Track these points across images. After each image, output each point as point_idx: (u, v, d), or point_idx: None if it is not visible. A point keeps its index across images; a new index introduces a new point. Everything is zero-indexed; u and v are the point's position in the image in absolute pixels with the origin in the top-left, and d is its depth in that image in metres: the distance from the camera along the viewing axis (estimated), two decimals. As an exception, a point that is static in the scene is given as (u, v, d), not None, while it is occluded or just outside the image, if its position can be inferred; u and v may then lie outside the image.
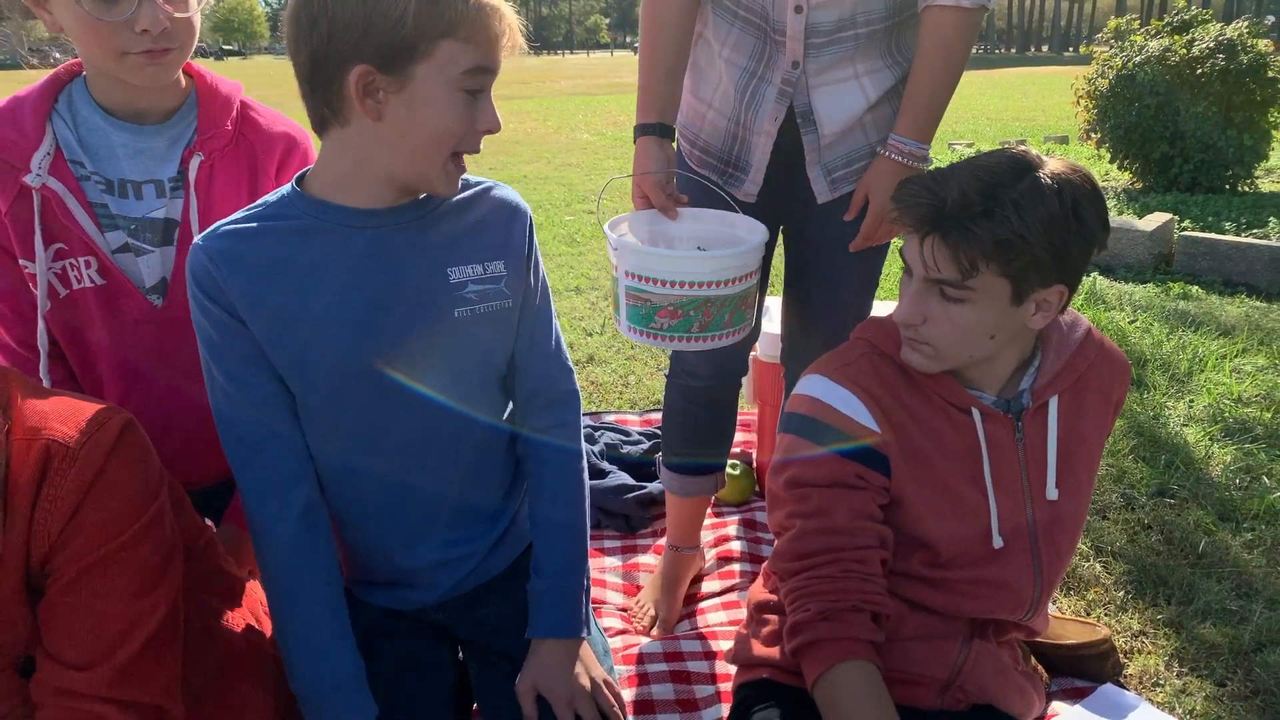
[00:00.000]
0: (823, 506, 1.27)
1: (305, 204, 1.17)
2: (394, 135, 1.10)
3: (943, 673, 1.34)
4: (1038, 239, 1.13)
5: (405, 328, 1.20)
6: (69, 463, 0.98)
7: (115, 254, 1.38)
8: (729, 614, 2.01)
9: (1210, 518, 2.39)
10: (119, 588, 1.02)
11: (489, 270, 1.24)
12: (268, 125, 1.47)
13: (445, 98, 1.08)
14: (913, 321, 1.22)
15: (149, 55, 1.28)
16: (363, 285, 1.18)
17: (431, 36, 1.05)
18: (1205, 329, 3.91)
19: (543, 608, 1.33)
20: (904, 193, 1.19)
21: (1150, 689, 1.80)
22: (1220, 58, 6.16)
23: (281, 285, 1.16)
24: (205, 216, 1.38)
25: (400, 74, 1.06)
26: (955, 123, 14.15)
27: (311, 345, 1.18)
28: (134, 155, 1.37)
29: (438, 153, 1.12)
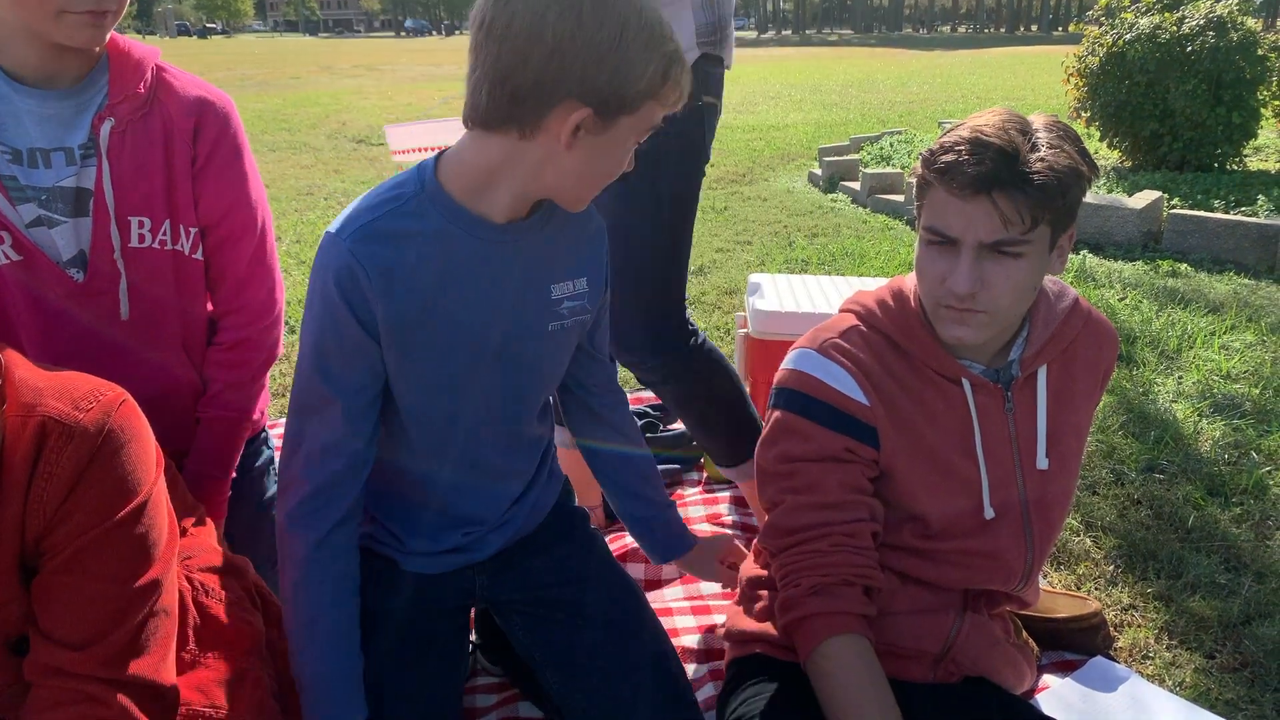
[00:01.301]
0: (812, 481, 1.27)
1: (442, 204, 1.18)
2: (574, 166, 1.13)
3: (935, 646, 1.35)
4: (1077, 179, 1.16)
5: (512, 337, 1.26)
6: (65, 440, 0.97)
7: (29, 228, 1.31)
8: (722, 586, 2.02)
9: (1199, 492, 2.41)
10: (114, 566, 1.01)
11: (577, 287, 1.31)
12: (183, 89, 1.40)
13: (627, 147, 1.15)
14: (974, 290, 1.17)
15: (91, 16, 1.24)
16: (487, 296, 1.22)
17: (647, 97, 1.09)
18: (1194, 306, 3.93)
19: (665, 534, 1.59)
20: (949, 159, 1.15)
21: (1140, 661, 1.82)
22: (1210, 35, 6.15)
23: (418, 292, 1.18)
24: (118, 184, 1.34)
25: (610, 121, 1.10)
26: (945, 102, 14.13)
27: (430, 350, 1.22)
28: (41, 121, 1.31)
29: (593, 186, 1.19)
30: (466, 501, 1.38)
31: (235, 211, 1.46)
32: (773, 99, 15.24)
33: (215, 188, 1.43)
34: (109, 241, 1.35)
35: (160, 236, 1.39)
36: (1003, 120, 1.17)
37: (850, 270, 4.71)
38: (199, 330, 1.50)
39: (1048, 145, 1.15)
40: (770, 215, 6.20)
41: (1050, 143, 1.15)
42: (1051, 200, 1.14)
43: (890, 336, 1.31)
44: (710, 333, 3.76)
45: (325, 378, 1.21)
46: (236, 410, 1.53)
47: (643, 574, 2.06)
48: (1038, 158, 1.13)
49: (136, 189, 1.36)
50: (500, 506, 1.42)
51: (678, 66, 1.09)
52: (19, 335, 1.37)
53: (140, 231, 1.38)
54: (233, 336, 1.51)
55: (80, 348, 1.39)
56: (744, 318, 2.53)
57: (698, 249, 5.21)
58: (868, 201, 6.47)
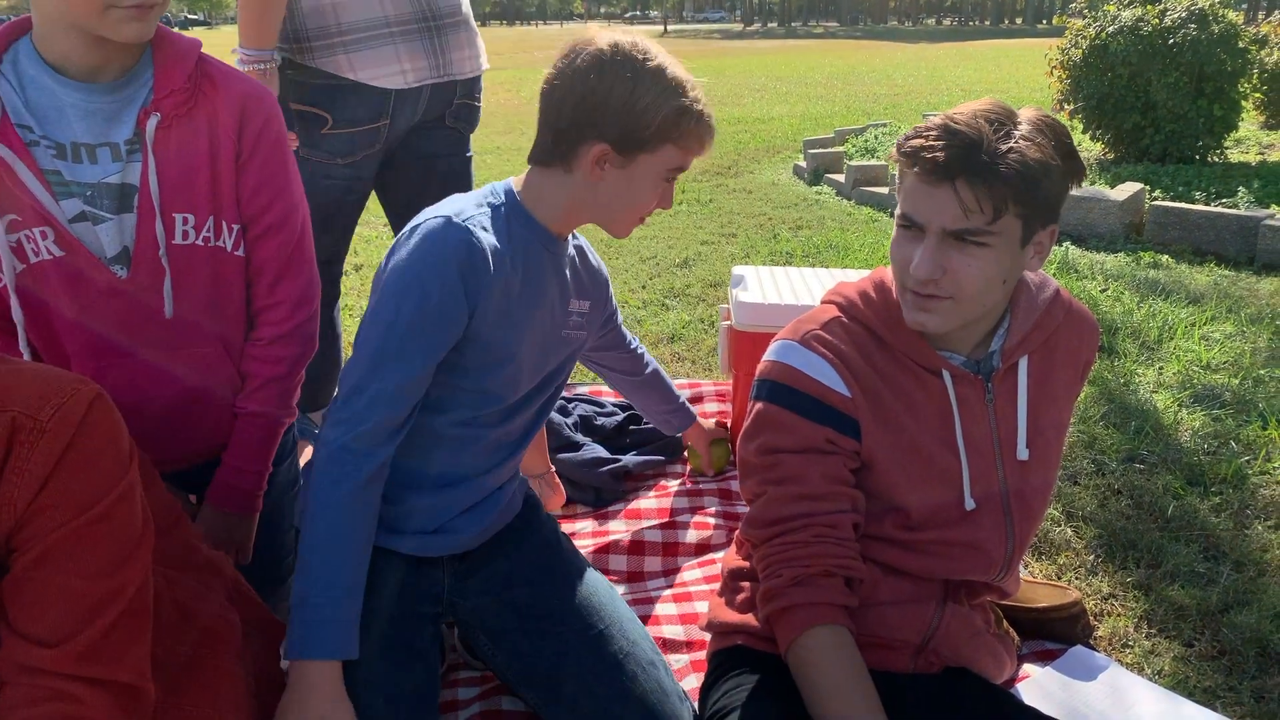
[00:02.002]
0: (794, 472, 1.27)
1: (521, 218, 1.41)
2: (606, 197, 1.38)
3: (916, 636, 1.35)
4: (1051, 173, 1.15)
5: (548, 337, 1.47)
6: (36, 436, 0.96)
7: (71, 223, 1.31)
8: (704, 571, 2.02)
9: (1179, 482, 2.43)
10: (87, 564, 1.00)
11: (582, 307, 1.55)
12: (227, 83, 1.40)
13: (651, 183, 1.37)
14: (934, 276, 1.18)
15: (138, 10, 1.23)
16: (546, 299, 1.45)
17: (663, 139, 1.32)
18: (1175, 297, 3.95)
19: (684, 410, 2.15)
20: (917, 144, 1.16)
21: (1119, 650, 1.83)
22: (1192, 28, 6.18)
23: (509, 288, 1.37)
24: (164, 180, 1.33)
25: (629, 157, 1.34)
26: (930, 94, 14.15)
27: (503, 342, 1.39)
28: (86, 116, 1.30)
29: (630, 217, 1.42)
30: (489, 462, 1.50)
31: (275, 206, 1.45)
32: (758, 91, 15.23)
33: (258, 182, 1.42)
34: (154, 238, 1.34)
35: (204, 233, 1.39)
36: (980, 109, 1.17)
37: (835, 262, 4.72)
38: (237, 326, 1.50)
39: (1021, 137, 1.14)
40: (755, 208, 6.20)
41: (1025, 135, 1.15)
42: (1017, 192, 1.13)
43: (871, 328, 1.31)
44: (695, 325, 3.76)
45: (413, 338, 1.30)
46: (275, 405, 1.53)
47: (625, 565, 2.06)
48: (1007, 148, 1.13)
49: (181, 185, 1.35)
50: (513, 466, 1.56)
51: (689, 118, 1.33)
52: (58, 331, 1.37)
53: (184, 228, 1.37)
54: (271, 332, 1.51)
55: (121, 344, 1.38)
56: (728, 310, 2.53)
57: (683, 241, 5.21)
58: (852, 194, 6.48)
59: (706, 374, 3.24)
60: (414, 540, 1.44)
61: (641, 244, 5.16)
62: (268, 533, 1.59)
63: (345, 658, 1.27)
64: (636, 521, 2.22)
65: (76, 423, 0.98)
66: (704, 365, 3.34)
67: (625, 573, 2.05)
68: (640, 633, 1.43)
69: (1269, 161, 6.53)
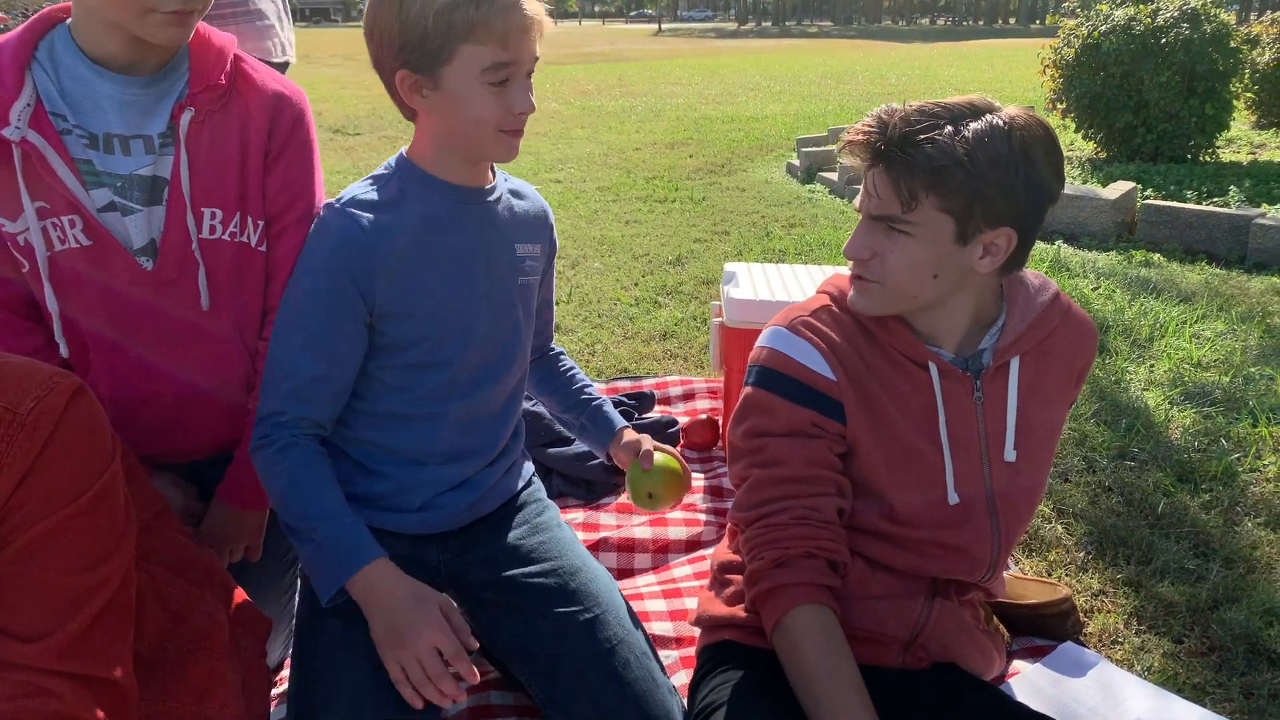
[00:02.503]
0: (778, 456, 1.27)
1: (417, 176, 1.37)
2: (446, 124, 1.31)
3: (904, 631, 1.35)
4: (979, 173, 1.13)
5: (486, 286, 1.42)
6: (16, 429, 0.95)
7: (100, 213, 1.30)
8: (694, 567, 2.01)
9: (1169, 479, 2.43)
10: (69, 558, 0.99)
11: (533, 250, 1.50)
12: (261, 82, 1.40)
13: (473, 92, 1.26)
14: (860, 256, 1.23)
15: (177, 15, 1.23)
16: (467, 259, 1.39)
17: (451, 41, 1.23)
18: (1166, 296, 3.96)
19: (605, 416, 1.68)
20: (857, 126, 1.21)
21: (1109, 647, 1.83)
22: (1184, 27, 6.19)
23: (409, 249, 1.34)
24: (196, 174, 1.33)
25: (432, 75, 1.26)
26: (923, 94, 14.17)
27: (426, 310, 1.36)
28: (121, 108, 1.30)
29: (480, 135, 1.31)
30: (469, 437, 1.48)
31: (298, 204, 1.45)
32: (751, 90, 15.23)
33: (283, 180, 1.43)
34: (184, 232, 1.34)
35: (230, 229, 1.39)
36: (933, 101, 1.18)
37: (827, 260, 4.72)
38: (253, 321, 1.49)
39: (957, 133, 1.13)
40: (748, 206, 6.19)
41: (959, 132, 1.13)
42: (930, 184, 1.13)
43: (860, 318, 1.30)
44: (687, 322, 3.75)
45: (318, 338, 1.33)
46: None
47: (615, 562, 2.06)
48: (925, 139, 1.13)
49: (212, 180, 1.35)
50: (497, 440, 1.53)
51: (464, 10, 1.21)
52: (80, 321, 1.36)
53: (212, 223, 1.37)
54: None
55: (140, 336, 1.38)
56: (719, 306, 2.53)
57: (675, 239, 5.20)
58: (845, 192, 6.48)
59: (699, 371, 3.24)
60: (402, 518, 1.44)
61: (634, 241, 5.16)
62: (274, 533, 1.58)
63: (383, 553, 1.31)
64: (628, 516, 2.22)
65: (57, 416, 0.97)
66: (696, 362, 3.33)
67: (615, 570, 2.04)
68: (634, 623, 1.43)
69: (1260, 161, 6.55)
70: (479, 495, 1.50)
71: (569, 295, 4.15)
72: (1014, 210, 1.17)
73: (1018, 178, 1.14)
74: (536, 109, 1.34)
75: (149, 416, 1.43)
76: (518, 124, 1.31)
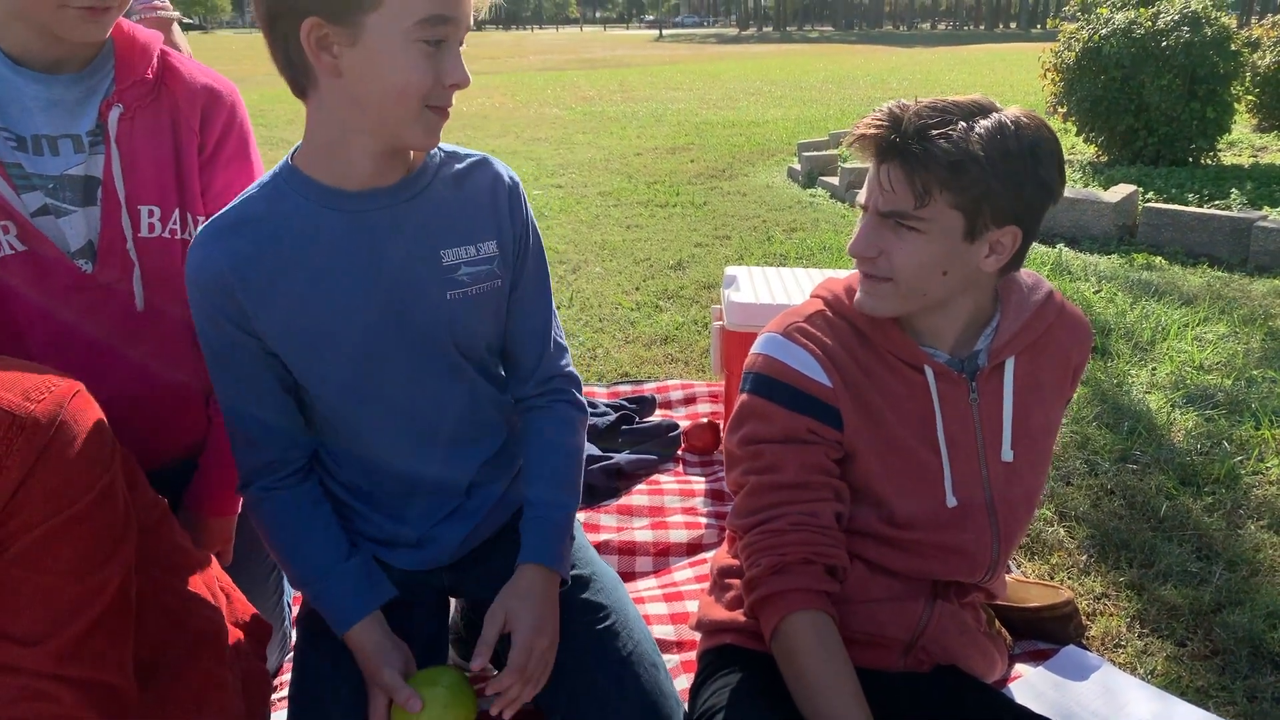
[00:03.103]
0: (775, 462, 1.27)
1: (296, 184, 1.17)
2: (357, 91, 1.07)
3: (905, 634, 1.35)
4: (992, 169, 1.13)
5: (397, 309, 1.21)
6: (15, 431, 0.95)
7: (34, 216, 1.27)
8: (695, 571, 2.01)
9: (1172, 482, 2.42)
10: (68, 562, 0.99)
11: (482, 251, 1.24)
12: (189, 75, 1.38)
13: (401, 49, 1.04)
14: (867, 254, 1.21)
15: (91, 11, 1.21)
16: (351, 268, 1.18)
17: None
18: (1168, 298, 3.96)
19: (527, 533, 1.33)
20: (866, 120, 1.19)
21: (1112, 650, 1.82)
22: (1185, 31, 6.19)
23: (279, 274, 1.16)
24: (129, 171, 1.31)
25: (350, 24, 1.03)
26: (924, 97, 14.18)
27: (307, 330, 1.19)
28: (47, 107, 1.27)
29: (404, 108, 1.08)
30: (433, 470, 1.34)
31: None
32: (753, 95, 15.25)
33: (224, 176, 1.41)
34: (120, 231, 1.32)
35: (171, 225, 1.37)
36: (946, 99, 1.18)
37: (828, 264, 4.72)
38: None
39: (969, 130, 1.14)
40: (749, 210, 6.20)
41: (977, 129, 1.14)
42: (944, 179, 1.13)
43: (854, 322, 1.30)
44: (688, 326, 3.75)
45: (225, 385, 1.26)
46: None
47: (616, 565, 2.05)
48: (940, 134, 1.13)
49: (146, 177, 1.33)
50: (470, 468, 1.37)
51: None
52: (22, 329, 1.33)
53: (150, 220, 1.35)
54: None
55: (87, 340, 1.35)
56: (719, 310, 2.52)
57: (676, 244, 5.20)
58: (846, 196, 6.48)
59: (700, 375, 3.24)
60: (394, 554, 1.39)
61: (635, 246, 5.16)
62: (247, 535, 1.58)
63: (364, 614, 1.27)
64: (629, 519, 2.21)
65: (56, 419, 0.97)
66: (697, 367, 3.33)
67: (617, 573, 2.03)
68: (644, 633, 1.39)
69: (1261, 164, 6.55)
70: (473, 527, 1.40)
71: (570, 300, 4.16)
72: (1020, 208, 1.17)
73: (1025, 175, 1.15)
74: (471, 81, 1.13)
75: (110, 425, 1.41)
76: (445, 100, 1.10)
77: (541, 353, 1.38)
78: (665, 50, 36.64)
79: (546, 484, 1.36)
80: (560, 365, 1.42)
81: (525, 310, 1.35)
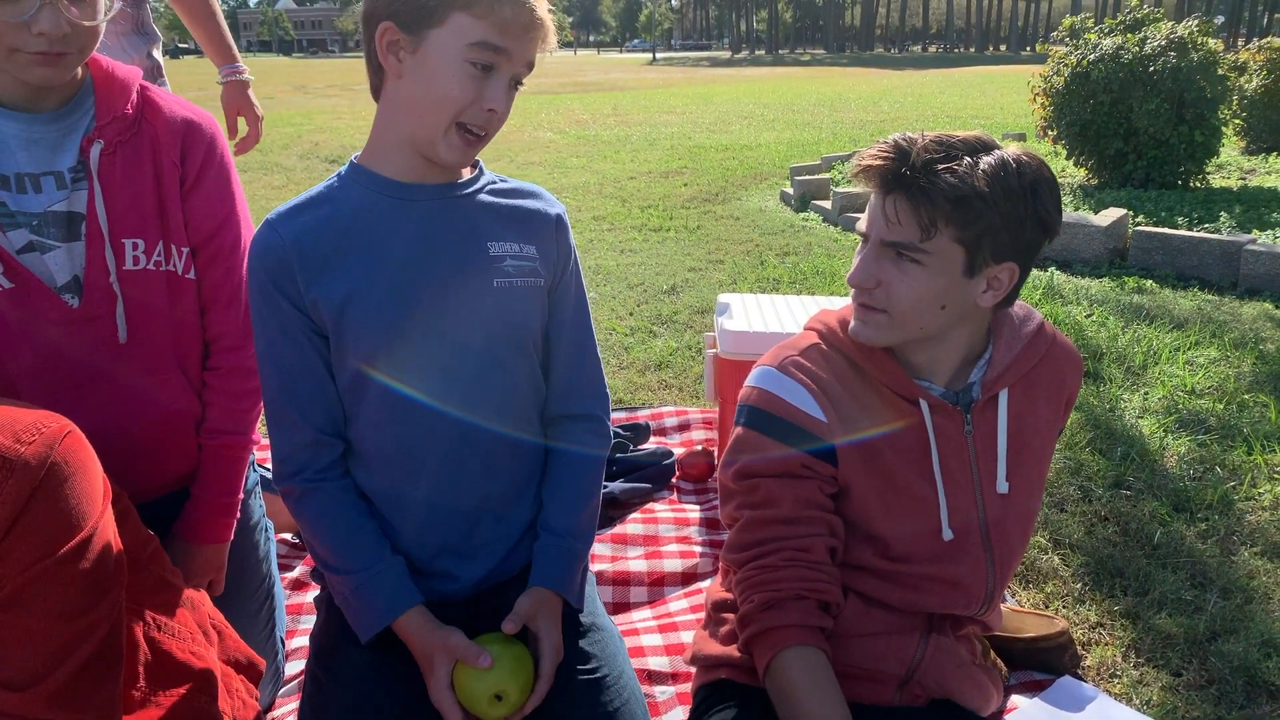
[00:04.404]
0: (769, 497, 1.27)
1: (357, 175, 1.28)
2: (410, 93, 1.21)
3: (900, 668, 1.34)
4: (996, 206, 1.15)
5: (444, 290, 1.27)
6: (6, 473, 0.94)
7: (20, 254, 1.29)
8: (690, 601, 2.00)
9: (1165, 509, 2.43)
10: (58, 604, 0.99)
11: (525, 251, 1.33)
12: (169, 109, 1.39)
13: (453, 66, 1.17)
14: (866, 285, 1.22)
15: (42, 57, 1.21)
16: (401, 247, 1.26)
17: (448, 6, 1.15)
18: (1159, 322, 3.97)
19: (547, 560, 1.35)
20: (871, 150, 1.20)
21: (1108, 680, 1.82)
22: (1172, 56, 6.26)
23: (334, 250, 1.25)
24: (111, 206, 1.32)
25: (417, 34, 1.17)
26: (916, 121, 14.29)
27: (356, 306, 1.24)
28: (27, 145, 1.29)
29: (439, 117, 1.20)
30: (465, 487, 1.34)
31: (224, 231, 1.45)
32: (745, 119, 15.35)
33: (205, 207, 1.42)
34: (104, 265, 1.33)
35: (155, 258, 1.38)
36: (949, 134, 1.20)
37: (822, 289, 4.74)
38: (194, 352, 1.48)
39: (973, 166, 1.15)
40: (742, 234, 6.22)
41: (981, 165, 1.16)
42: (949, 214, 1.15)
43: (849, 355, 1.31)
44: (682, 352, 3.76)
45: (271, 363, 1.28)
46: (239, 435, 1.51)
47: (611, 596, 2.05)
48: (945, 169, 1.15)
49: (129, 210, 1.34)
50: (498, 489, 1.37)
51: None
52: (10, 364, 1.33)
53: (135, 253, 1.36)
54: (227, 361, 1.49)
55: (77, 375, 1.36)
56: (713, 338, 2.53)
57: (670, 268, 5.22)
58: (839, 220, 6.51)
59: (694, 401, 3.24)
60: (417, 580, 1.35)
61: (629, 270, 5.18)
62: (236, 568, 1.57)
63: (418, 600, 1.28)
64: (623, 548, 2.21)
65: (47, 460, 0.97)
66: (691, 393, 3.33)
67: (610, 604, 2.03)
68: (635, 694, 1.36)
69: (1250, 186, 6.60)
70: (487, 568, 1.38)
71: (564, 325, 4.16)
72: (1018, 244, 1.19)
73: (1026, 212, 1.17)
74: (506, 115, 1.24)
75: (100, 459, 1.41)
76: (480, 121, 1.21)
77: (576, 374, 1.43)
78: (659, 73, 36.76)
79: (567, 512, 1.39)
80: (594, 387, 1.45)
81: (565, 331, 1.41)
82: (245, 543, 1.61)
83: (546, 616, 1.30)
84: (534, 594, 1.32)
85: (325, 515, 1.31)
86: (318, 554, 1.33)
